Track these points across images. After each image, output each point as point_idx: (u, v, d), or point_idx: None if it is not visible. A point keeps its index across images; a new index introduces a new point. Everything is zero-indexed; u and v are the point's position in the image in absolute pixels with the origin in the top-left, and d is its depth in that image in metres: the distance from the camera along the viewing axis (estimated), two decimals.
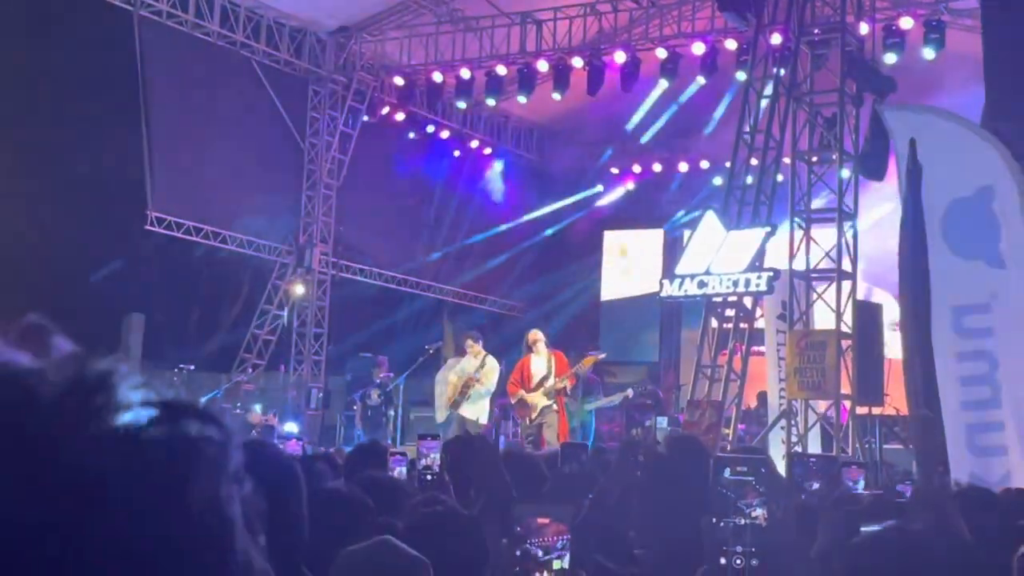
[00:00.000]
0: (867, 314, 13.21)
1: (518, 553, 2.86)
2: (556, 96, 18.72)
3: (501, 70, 19.02)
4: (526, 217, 23.32)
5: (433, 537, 2.89)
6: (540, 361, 14.88)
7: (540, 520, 2.84)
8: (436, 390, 16.05)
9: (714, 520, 3.40)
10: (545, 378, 14.75)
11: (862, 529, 3.21)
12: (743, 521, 3.38)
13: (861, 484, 7.30)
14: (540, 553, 2.85)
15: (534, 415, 14.81)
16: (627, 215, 23.31)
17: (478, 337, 15.38)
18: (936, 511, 4.39)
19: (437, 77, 19.50)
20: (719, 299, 13.60)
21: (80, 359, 0.78)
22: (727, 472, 3.45)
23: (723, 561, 3.33)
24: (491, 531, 4.08)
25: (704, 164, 21.84)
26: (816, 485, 7.14)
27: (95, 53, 16.58)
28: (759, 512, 3.43)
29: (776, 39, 14.63)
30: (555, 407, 14.84)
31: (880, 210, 15.82)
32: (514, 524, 2.90)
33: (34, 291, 15.92)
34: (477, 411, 14.93)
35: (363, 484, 4.21)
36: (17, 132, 15.81)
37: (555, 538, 2.85)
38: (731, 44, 17.10)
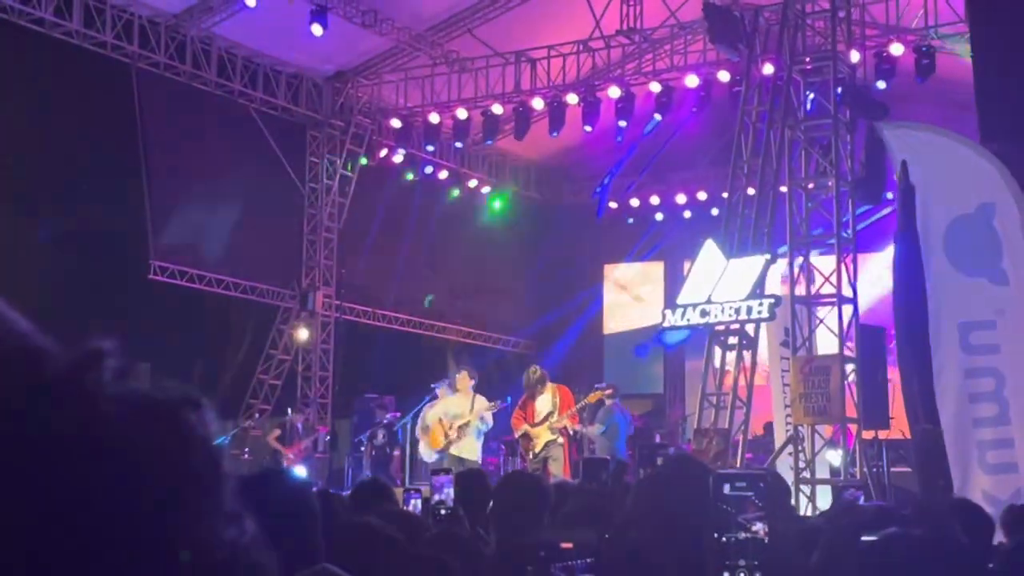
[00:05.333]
0: (870, 338, 13.26)
1: None
2: (552, 133, 18.85)
3: (497, 109, 19.15)
4: (527, 254, 23.36)
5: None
6: (545, 397, 14.89)
7: (564, 544, 2.90)
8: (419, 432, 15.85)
9: (716, 535, 3.45)
10: (550, 413, 14.77)
11: (863, 539, 3.26)
12: (744, 535, 3.43)
13: (861, 499, 7.43)
14: None
15: (538, 449, 14.81)
16: (627, 248, 23.36)
17: (474, 374, 15.21)
18: (935, 520, 4.45)
19: (434, 118, 19.63)
20: (722, 327, 13.66)
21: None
22: (727, 487, 3.50)
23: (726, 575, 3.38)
24: (507, 562, 4.13)
25: (702, 195, 21.90)
26: None
27: (94, 105, 16.72)
28: (759, 527, 3.48)
29: (768, 69, 14.77)
30: (560, 441, 14.84)
31: None
32: (538, 549, 2.95)
33: None
34: (473, 450, 14.74)
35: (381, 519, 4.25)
36: (17, 185, 15.92)
37: (579, 562, 2.90)
38: (724, 76, 17.21)
